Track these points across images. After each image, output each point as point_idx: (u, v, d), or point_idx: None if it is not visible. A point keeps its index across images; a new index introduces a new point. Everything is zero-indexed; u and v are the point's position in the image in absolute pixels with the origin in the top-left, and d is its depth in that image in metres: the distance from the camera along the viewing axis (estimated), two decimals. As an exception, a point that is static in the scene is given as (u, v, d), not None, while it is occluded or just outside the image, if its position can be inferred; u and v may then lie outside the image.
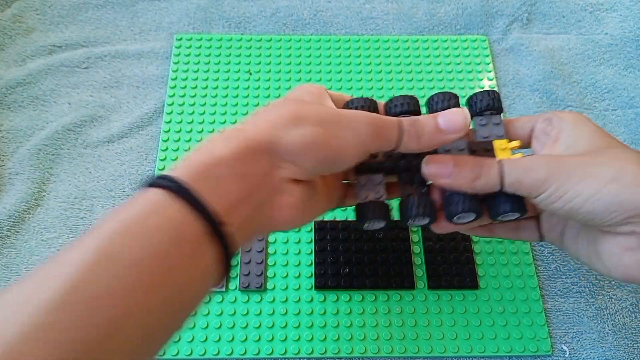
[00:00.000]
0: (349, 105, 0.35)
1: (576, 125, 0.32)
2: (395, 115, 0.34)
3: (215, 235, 0.24)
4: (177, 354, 0.39)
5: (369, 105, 0.35)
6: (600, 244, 0.32)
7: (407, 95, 0.35)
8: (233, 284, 0.42)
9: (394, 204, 0.35)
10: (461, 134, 0.32)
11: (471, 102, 0.35)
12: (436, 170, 0.32)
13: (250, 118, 0.29)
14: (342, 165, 0.30)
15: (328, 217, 0.45)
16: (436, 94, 0.35)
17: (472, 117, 0.35)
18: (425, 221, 0.33)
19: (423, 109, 0.36)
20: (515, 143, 0.34)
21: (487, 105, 0.35)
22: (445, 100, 0.35)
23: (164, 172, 0.26)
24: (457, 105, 0.35)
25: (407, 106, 0.34)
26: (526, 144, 0.35)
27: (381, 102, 0.36)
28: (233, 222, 0.25)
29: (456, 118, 0.32)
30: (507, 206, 0.32)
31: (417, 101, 0.35)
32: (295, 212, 0.29)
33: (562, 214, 0.30)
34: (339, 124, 0.29)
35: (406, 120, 0.31)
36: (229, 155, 0.26)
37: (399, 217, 0.34)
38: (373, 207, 0.33)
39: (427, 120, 0.31)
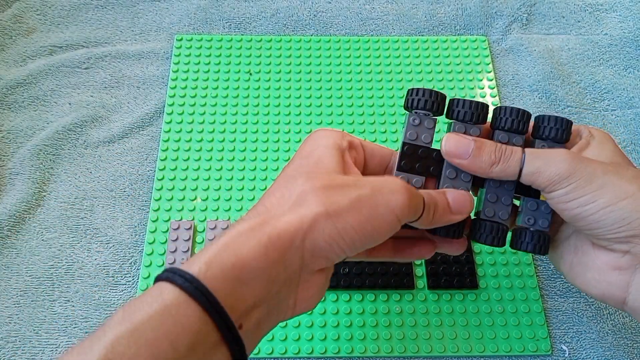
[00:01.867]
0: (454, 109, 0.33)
1: (602, 142, 0.32)
2: (503, 129, 0.33)
3: (231, 340, 0.23)
4: (177, 353, 0.39)
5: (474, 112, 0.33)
6: (589, 257, 0.31)
7: (522, 111, 0.32)
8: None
9: None
10: (465, 216, 0.32)
11: (539, 124, 0.33)
12: (455, 149, 0.31)
13: (271, 205, 0.27)
14: (373, 244, 0.28)
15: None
16: (507, 108, 0.33)
17: (534, 137, 0.33)
18: None
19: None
20: None
21: (554, 135, 0.32)
22: (516, 120, 0.32)
23: (182, 267, 0.24)
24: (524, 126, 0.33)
25: (516, 124, 0.33)
26: None
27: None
28: (249, 325, 0.24)
29: (464, 201, 0.31)
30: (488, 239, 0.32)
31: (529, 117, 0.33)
32: (316, 299, 0.28)
33: (570, 216, 0.30)
34: (373, 202, 0.27)
35: (426, 195, 0.30)
36: (257, 258, 0.24)
37: None
38: None
39: (440, 198, 0.31)
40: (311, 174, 0.28)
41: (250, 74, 0.53)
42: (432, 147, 0.33)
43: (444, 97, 0.33)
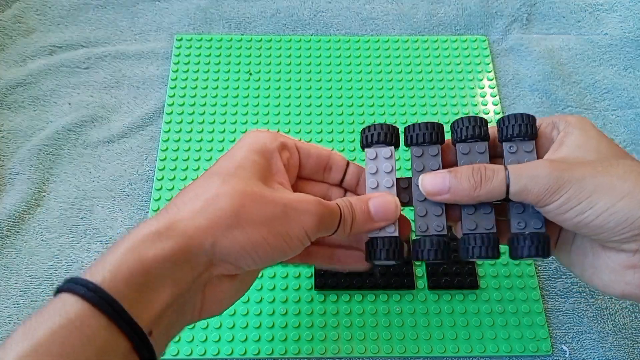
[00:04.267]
0: (407, 134, 0.33)
1: (583, 129, 0.31)
2: (462, 140, 0.32)
3: (142, 348, 0.23)
4: (177, 354, 0.39)
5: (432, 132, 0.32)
6: (600, 259, 0.31)
7: (474, 117, 0.32)
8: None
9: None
10: (391, 223, 0.31)
11: (500, 126, 0.32)
12: (432, 187, 0.31)
13: (183, 204, 0.26)
14: (283, 259, 0.28)
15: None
16: (461, 118, 0.32)
17: (500, 142, 0.32)
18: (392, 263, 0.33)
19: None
20: None
21: (519, 132, 0.31)
22: (470, 127, 0.32)
23: (84, 276, 0.23)
24: (484, 133, 0.32)
25: (472, 130, 0.32)
26: None
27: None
28: (159, 331, 0.24)
29: (387, 206, 0.31)
30: (481, 251, 0.31)
31: (486, 123, 0.32)
32: (225, 304, 0.28)
33: (571, 226, 0.29)
34: (285, 221, 0.27)
35: (345, 207, 0.30)
36: (161, 260, 0.24)
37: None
38: (383, 243, 0.31)
39: (360, 207, 0.30)
40: (230, 176, 0.27)
41: (250, 74, 0.53)
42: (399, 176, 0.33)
43: (396, 128, 0.33)
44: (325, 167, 0.34)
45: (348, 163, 0.35)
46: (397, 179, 0.33)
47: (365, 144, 0.34)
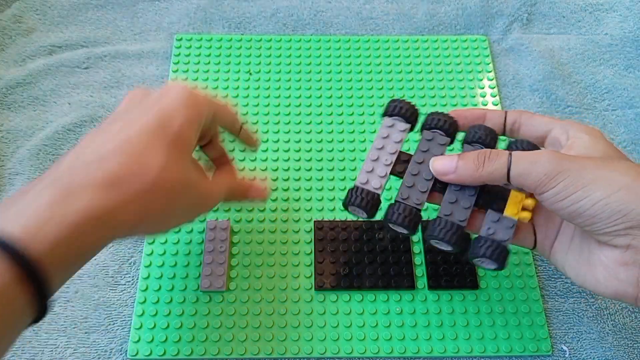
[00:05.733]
0: (468, 135, 0.36)
1: (592, 137, 0.32)
2: (469, 142, 0.36)
3: (29, 279, 0.23)
4: (178, 354, 0.39)
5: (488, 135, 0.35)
6: (594, 255, 0.31)
7: (490, 128, 0.35)
8: (234, 284, 0.42)
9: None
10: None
11: (468, 133, 0.36)
12: (441, 167, 0.33)
13: (77, 165, 0.27)
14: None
15: (328, 217, 0.45)
16: (478, 126, 0.36)
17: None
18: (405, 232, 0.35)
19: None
20: (531, 202, 0.33)
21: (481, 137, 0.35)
22: (483, 133, 0.35)
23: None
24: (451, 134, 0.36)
25: (484, 137, 0.35)
26: (539, 144, 0.35)
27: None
28: (53, 259, 0.24)
29: (258, 190, 0.38)
30: (484, 251, 0.32)
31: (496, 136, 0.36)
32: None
33: (566, 215, 0.30)
34: (198, 205, 0.32)
35: (231, 186, 0.36)
36: (96, 244, 0.26)
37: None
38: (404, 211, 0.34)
39: (240, 188, 0.38)
40: (168, 160, 0.28)
41: (250, 74, 0.53)
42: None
43: (418, 112, 0.37)
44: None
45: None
46: (400, 152, 0.36)
47: (389, 113, 0.37)
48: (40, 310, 0.24)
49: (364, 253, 0.43)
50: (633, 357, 0.40)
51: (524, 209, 0.33)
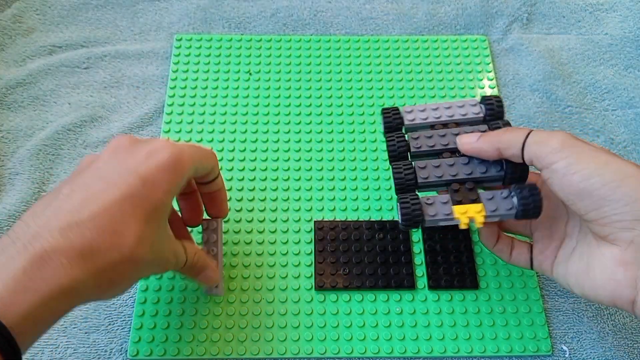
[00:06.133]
0: None
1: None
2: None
3: (1, 348, 0.23)
4: (178, 354, 0.39)
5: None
6: (593, 256, 0.31)
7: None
8: (234, 284, 0.42)
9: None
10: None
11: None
12: (467, 137, 0.36)
13: (51, 228, 0.26)
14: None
15: (328, 217, 0.45)
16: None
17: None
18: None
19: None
20: (480, 218, 0.35)
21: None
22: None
23: None
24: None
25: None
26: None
27: None
28: (24, 328, 0.24)
29: (210, 279, 0.37)
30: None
31: None
32: None
33: (574, 193, 0.30)
34: (154, 271, 0.32)
35: (190, 261, 0.35)
36: (63, 314, 0.27)
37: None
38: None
39: (197, 269, 0.37)
40: (144, 233, 0.28)
41: (250, 74, 0.53)
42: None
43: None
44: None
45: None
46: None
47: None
48: None
49: (364, 253, 0.43)
50: (633, 357, 0.40)
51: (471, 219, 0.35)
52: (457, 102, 0.40)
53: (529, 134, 0.32)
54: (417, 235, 0.44)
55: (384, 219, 0.45)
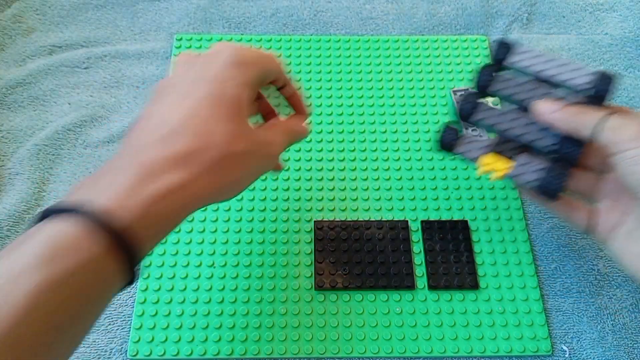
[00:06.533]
0: None
1: None
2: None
3: (120, 248, 0.25)
4: (178, 354, 0.39)
5: None
6: None
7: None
8: (234, 284, 0.42)
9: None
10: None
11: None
12: (546, 108, 0.35)
13: (153, 140, 0.28)
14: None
15: (328, 217, 0.45)
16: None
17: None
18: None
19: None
20: (499, 173, 0.35)
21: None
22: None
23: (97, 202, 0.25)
24: None
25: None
26: None
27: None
28: (139, 229, 0.25)
29: (303, 131, 0.37)
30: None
31: None
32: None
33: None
34: (265, 164, 0.33)
35: (288, 133, 0.35)
36: (174, 214, 0.27)
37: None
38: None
39: (294, 133, 0.37)
40: (233, 127, 0.29)
41: (250, 74, 0.53)
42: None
43: None
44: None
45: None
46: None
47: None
48: (130, 276, 0.26)
49: (364, 253, 0.43)
50: (633, 357, 0.40)
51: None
52: (574, 64, 0.37)
53: (608, 117, 0.32)
54: (417, 235, 0.44)
55: (383, 219, 0.45)
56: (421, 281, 0.42)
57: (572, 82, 0.37)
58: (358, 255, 0.43)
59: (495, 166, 0.35)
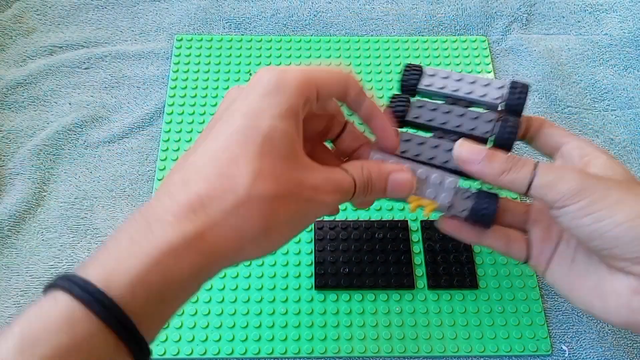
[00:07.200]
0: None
1: (609, 159, 0.32)
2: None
3: (116, 332, 0.21)
4: (178, 353, 0.39)
5: None
6: (604, 282, 0.30)
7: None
8: (234, 284, 0.42)
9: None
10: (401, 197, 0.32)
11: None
12: (468, 155, 0.31)
13: (213, 190, 0.24)
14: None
15: (328, 217, 0.45)
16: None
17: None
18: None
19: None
20: (429, 210, 0.33)
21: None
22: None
23: (98, 285, 0.21)
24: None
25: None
26: (548, 154, 0.35)
27: None
28: (133, 300, 0.22)
29: (404, 185, 0.31)
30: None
31: None
32: None
33: (585, 235, 0.29)
34: (309, 213, 0.28)
35: (359, 179, 0.30)
36: (187, 277, 0.23)
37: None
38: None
39: (378, 183, 0.31)
40: (258, 159, 0.25)
41: (251, 75, 0.53)
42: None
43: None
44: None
45: (346, 123, 0.35)
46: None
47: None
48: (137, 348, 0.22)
49: (364, 253, 0.43)
50: (632, 356, 0.40)
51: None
52: (483, 79, 0.36)
53: (533, 176, 0.30)
54: (417, 235, 0.44)
55: (383, 219, 0.45)
56: (421, 281, 0.42)
57: (485, 99, 0.35)
58: (358, 255, 0.43)
59: (422, 202, 0.33)
